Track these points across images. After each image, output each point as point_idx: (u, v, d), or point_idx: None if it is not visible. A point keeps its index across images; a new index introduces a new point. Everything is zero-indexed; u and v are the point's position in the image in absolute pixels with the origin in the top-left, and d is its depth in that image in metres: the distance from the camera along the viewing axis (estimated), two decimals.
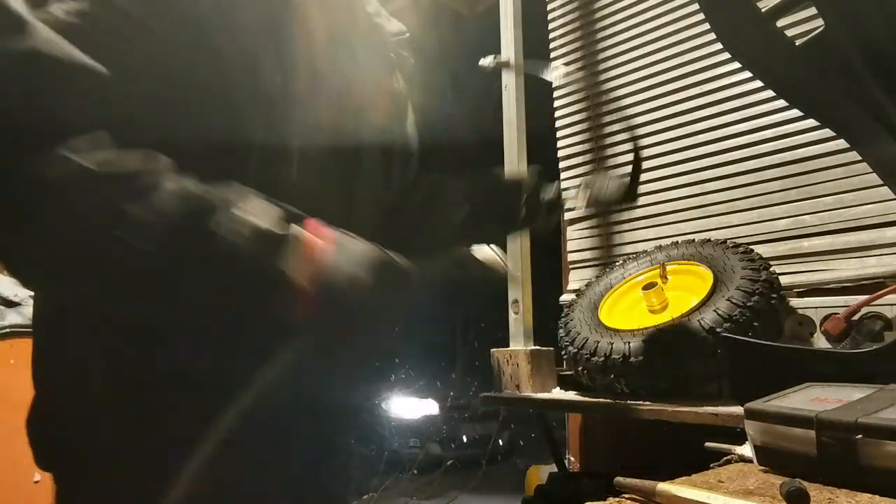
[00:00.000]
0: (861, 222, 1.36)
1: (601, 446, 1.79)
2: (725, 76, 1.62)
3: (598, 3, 1.96)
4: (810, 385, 0.76)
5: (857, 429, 0.57)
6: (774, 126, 1.53)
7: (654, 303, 1.31)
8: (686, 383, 1.16)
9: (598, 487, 1.24)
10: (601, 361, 1.22)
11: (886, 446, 0.55)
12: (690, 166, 1.70)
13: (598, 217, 1.89)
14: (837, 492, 0.57)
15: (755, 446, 0.68)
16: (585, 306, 1.43)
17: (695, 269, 1.34)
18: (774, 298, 1.16)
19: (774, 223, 1.50)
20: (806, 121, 1.44)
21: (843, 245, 1.38)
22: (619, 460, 1.67)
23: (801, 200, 1.47)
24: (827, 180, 1.43)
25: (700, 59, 1.67)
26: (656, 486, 0.59)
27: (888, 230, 1.32)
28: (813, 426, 0.61)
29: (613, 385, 1.22)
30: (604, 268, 1.71)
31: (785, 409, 0.65)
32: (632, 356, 1.16)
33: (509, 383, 1.55)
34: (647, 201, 1.78)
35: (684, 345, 1.13)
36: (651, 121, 1.79)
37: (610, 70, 1.90)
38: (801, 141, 1.48)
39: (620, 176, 0.94)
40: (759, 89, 1.53)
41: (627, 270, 1.49)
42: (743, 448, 0.75)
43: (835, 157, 1.41)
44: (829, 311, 1.25)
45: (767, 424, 0.66)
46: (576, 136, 1.97)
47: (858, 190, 1.37)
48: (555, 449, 1.72)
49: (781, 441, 0.64)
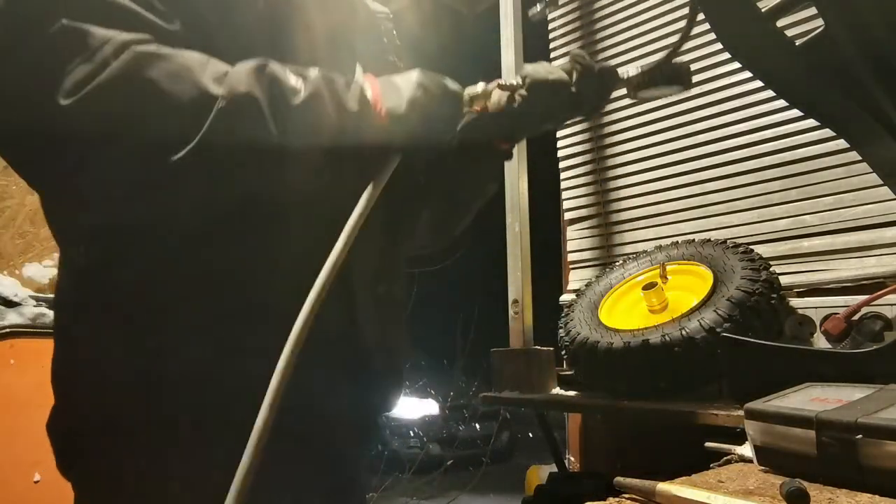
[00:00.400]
0: (861, 222, 1.36)
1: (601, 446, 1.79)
2: (725, 76, 1.62)
3: (598, 3, 1.96)
4: (810, 385, 0.76)
5: (857, 429, 0.57)
6: (774, 126, 1.53)
7: (654, 303, 1.31)
8: (686, 383, 1.16)
9: (598, 487, 1.25)
10: (601, 361, 1.22)
11: (886, 446, 0.55)
12: (690, 166, 1.70)
13: None
14: (837, 492, 0.57)
15: (755, 446, 0.68)
16: (585, 306, 1.43)
17: (695, 269, 1.34)
18: (774, 298, 1.16)
19: (774, 223, 1.50)
20: (806, 121, 1.45)
21: (843, 245, 1.38)
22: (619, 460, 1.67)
23: (801, 200, 1.47)
24: (827, 180, 1.43)
25: (700, 59, 1.67)
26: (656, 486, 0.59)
27: (888, 230, 1.32)
28: (813, 426, 0.61)
29: (613, 385, 1.22)
30: (604, 268, 1.71)
31: (785, 409, 0.65)
32: (632, 356, 1.16)
33: (509, 383, 1.55)
34: (647, 201, 1.78)
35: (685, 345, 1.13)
36: (651, 121, 1.79)
37: None
38: (801, 141, 1.48)
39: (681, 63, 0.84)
40: (759, 89, 1.53)
41: (627, 270, 1.49)
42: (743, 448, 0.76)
43: (835, 157, 1.41)
44: (829, 311, 1.25)
45: (767, 424, 0.66)
46: (576, 137, 1.97)
47: (858, 190, 1.37)
48: (555, 449, 1.71)
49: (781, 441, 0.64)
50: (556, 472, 1.68)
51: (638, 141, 1.81)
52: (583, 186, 1.94)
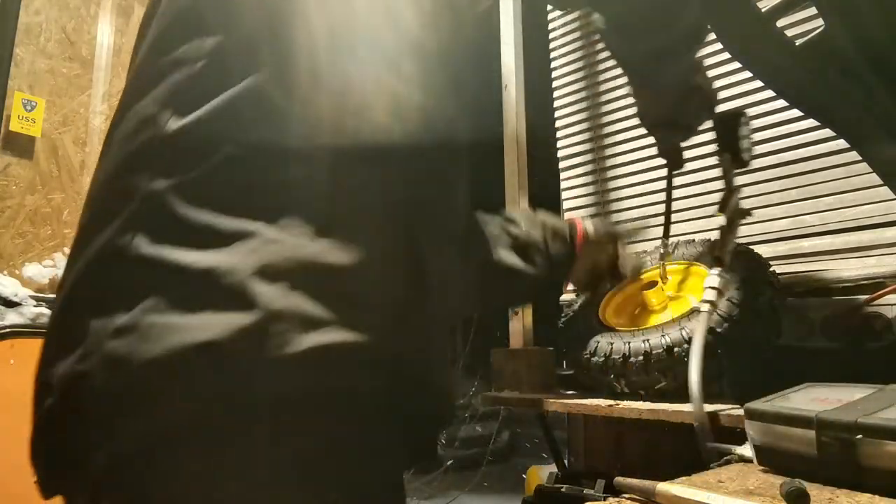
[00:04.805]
0: (861, 222, 1.36)
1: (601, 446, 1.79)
2: (725, 76, 1.62)
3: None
4: (810, 385, 0.76)
5: (857, 429, 0.57)
6: (774, 126, 1.53)
7: (654, 303, 1.31)
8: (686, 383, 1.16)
9: (598, 487, 1.24)
10: (601, 361, 1.22)
11: (886, 446, 0.55)
12: (690, 166, 1.70)
13: None
14: (837, 492, 0.57)
15: (755, 446, 0.68)
16: (585, 306, 1.43)
17: (695, 269, 1.34)
18: (774, 298, 1.16)
19: (774, 223, 1.50)
20: (806, 121, 1.44)
21: (843, 245, 1.38)
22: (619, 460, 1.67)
23: (801, 200, 1.47)
24: (827, 180, 1.43)
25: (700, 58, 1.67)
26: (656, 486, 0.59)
27: (888, 230, 1.32)
28: (813, 426, 0.61)
29: (613, 385, 1.22)
30: None
31: (785, 409, 0.65)
32: (632, 356, 1.16)
33: (509, 383, 1.55)
34: (647, 201, 1.78)
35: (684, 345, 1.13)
36: None
37: (610, 70, 1.90)
38: (801, 141, 1.48)
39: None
40: (759, 89, 1.53)
41: None
42: (743, 448, 0.76)
43: (835, 157, 1.41)
44: (828, 311, 1.25)
45: (767, 424, 0.66)
46: (576, 137, 1.97)
47: (858, 190, 1.37)
48: (555, 449, 1.71)
49: (781, 441, 0.64)
50: (556, 472, 1.68)
51: (638, 141, 1.81)
52: (583, 186, 1.94)
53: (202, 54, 0.61)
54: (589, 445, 1.80)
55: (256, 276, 0.53)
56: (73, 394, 0.55)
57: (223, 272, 0.53)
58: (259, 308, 0.52)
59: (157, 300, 0.53)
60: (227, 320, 0.51)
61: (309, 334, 0.53)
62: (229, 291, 0.52)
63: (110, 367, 0.52)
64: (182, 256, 0.54)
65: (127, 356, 0.52)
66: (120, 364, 0.52)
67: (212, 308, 0.52)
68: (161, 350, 0.51)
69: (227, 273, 0.53)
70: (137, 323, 0.52)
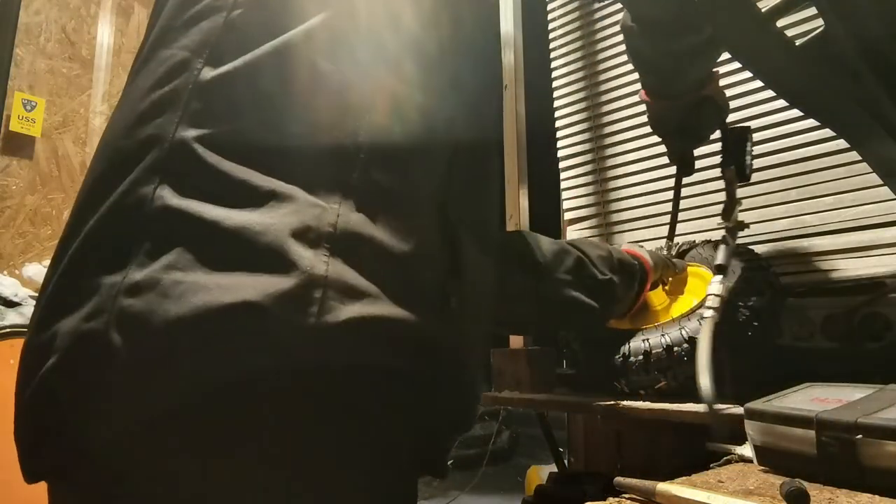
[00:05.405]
0: (861, 222, 1.36)
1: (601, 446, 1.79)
2: (725, 76, 1.62)
3: (598, 3, 1.96)
4: (810, 385, 0.76)
5: (857, 429, 0.57)
6: (774, 126, 1.53)
7: (655, 303, 1.31)
8: (686, 383, 1.16)
9: (598, 487, 1.25)
10: (601, 361, 1.22)
11: (886, 446, 0.55)
12: None
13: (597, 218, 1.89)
14: (837, 492, 0.57)
15: (755, 446, 0.68)
16: None
17: (695, 270, 1.34)
18: (774, 298, 1.16)
19: (774, 223, 1.50)
20: (806, 121, 1.44)
21: (843, 245, 1.38)
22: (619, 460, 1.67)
23: (801, 200, 1.47)
24: (827, 180, 1.43)
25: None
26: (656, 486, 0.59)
27: (888, 230, 1.32)
28: (813, 426, 0.61)
29: (613, 385, 1.22)
30: None
31: (785, 409, 0.65)
32: (632, 356, 1.16)
33: (509, 383, 1.55)
34: (647, 201, 1.78)
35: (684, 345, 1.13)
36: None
37: (610, 70, 1.90)
38: (801, 141, 1.48)
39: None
40: (760, 89, 1.53)
41: None
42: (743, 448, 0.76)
43: (835, 157, 1.41)
44: (829, 311, 1.25)
45: (767, 424, 0.66)
46: (576, 136, 1.97)
47: (858, 190, 1.37)
48: (555, 449, 1.71)
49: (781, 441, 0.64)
50: (556, 472, 1.68)
51: (638, 141, 1.81)
52: (583, 186, 1.94)
53: (240, 1, 0.57)
54: (589, 445, 1.80)
55: (295, 239, 0.48)
56: (78, 355, 0.49)
57: (258, 231, 0.48)
58: (299, 271, 0.47)
59: (180, 256, 0.48)
60: (264, 282, 0.47)
61: (353, 304, 0.49)
62: (267, 251, 0.48)
63: (126, 327, 0.47)
64: (211, 211, 0.49)
65: (145, 314, 0.46)
66: (137, 323, 0.46)
67: (246, 268, 0.47)
68: (187, 309, 0.45)
69: (262, 232, 0.48)
70: (158, 279, 0.47)
